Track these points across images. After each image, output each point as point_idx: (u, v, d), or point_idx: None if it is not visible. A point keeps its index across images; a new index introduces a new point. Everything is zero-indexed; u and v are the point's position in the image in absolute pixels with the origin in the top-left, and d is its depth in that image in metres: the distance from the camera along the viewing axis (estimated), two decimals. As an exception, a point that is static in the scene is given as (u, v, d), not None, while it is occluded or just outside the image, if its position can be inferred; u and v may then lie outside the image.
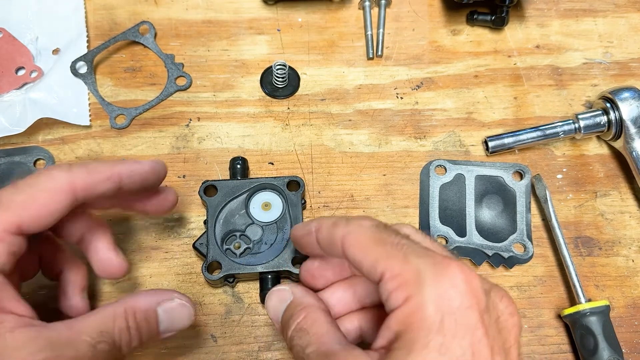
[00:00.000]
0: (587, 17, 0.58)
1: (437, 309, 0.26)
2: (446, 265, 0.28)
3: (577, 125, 0.50)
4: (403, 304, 0.27)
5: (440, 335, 0.26)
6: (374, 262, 0.29)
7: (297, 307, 0.34)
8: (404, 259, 0.28)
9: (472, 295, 0.27)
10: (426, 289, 0.27)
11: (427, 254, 0.28)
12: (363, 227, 0.31)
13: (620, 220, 0.50)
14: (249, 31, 0.56)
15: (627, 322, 0.46)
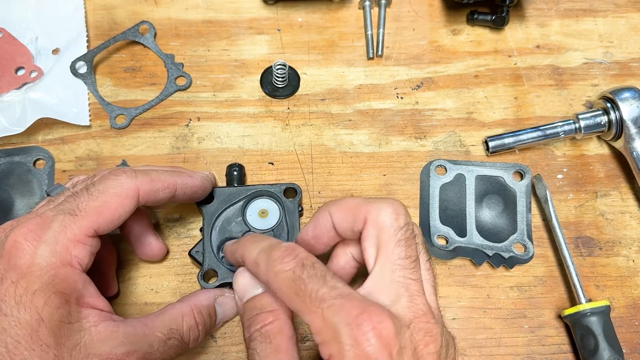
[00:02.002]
0: (587, 17, 0.58)
1: (383, 348, 0.29)
2: (360, 322, 0.29)
3: (577, 125, 0.50)
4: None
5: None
6: (299, 311, 0.31)
7: (267, 306, 0.35)
8: (321, 318, 0.30)
9: (384, 349, 0.29)
10: (346, 348, 0.29)
11: (343, 309, 0.30)
12: (281, 277, 0.32)
13: (621, 221, 0.49)
14: (249, 31, 0.56)
15: (627, 322, 0.46)
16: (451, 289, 0.47)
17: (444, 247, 0.47)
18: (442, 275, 0.47)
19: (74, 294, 0.33)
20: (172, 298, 0.46)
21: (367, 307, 0.30)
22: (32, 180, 0.49)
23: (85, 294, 0.34)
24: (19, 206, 0.48)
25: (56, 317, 0.32)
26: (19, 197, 0.49)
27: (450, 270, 0.48)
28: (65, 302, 0.32)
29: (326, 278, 0.31)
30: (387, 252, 0.33)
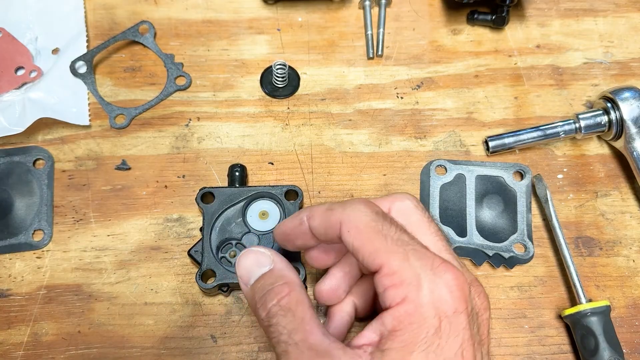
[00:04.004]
0: (588, 17, 0.58)
1: (435, 313, 0.28)
2: (443, 270, 0.29)
3: (577, 125, 0.50)
4: (400, 303, 0.29)
5: (437, 337, 0.28)
6: (372, 253, 0.30)
7: (279, 279, 0.33)
8: (404, 258, 0.29)
9: (463, 301, 0.29)
10: (425, 292, 0.28)
11: (425, 256, 0.30)
12: (361, 214, 0.31)
13: (621, 221, 0.49)
14: (249, 31, 0.56)
15: (627, 322, 0.46)
16: (451, 289, 0.47)
17: (444, 247, 0.47)
18: (442, 275, 0.47)
19: None
20: (171, 298, 0.46)
21: (446, 261, 0.30)
22: (32, 180, 0.49)
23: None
24: (18, 206, 0.48)
25: None
26: (19, 197, 0.49)
27: (451, 270, 0.47)
28: None
29: (405, 229, 0.31)
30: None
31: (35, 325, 0.45)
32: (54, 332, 0.45)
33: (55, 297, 0.46)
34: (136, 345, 0.45)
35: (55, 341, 0.45)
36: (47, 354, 0.44)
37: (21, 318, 0.45)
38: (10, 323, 0.45)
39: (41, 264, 0.47)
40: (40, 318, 0.45)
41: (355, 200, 0.32)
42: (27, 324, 0.45)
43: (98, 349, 0.44)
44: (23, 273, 0.47)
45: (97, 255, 0.47)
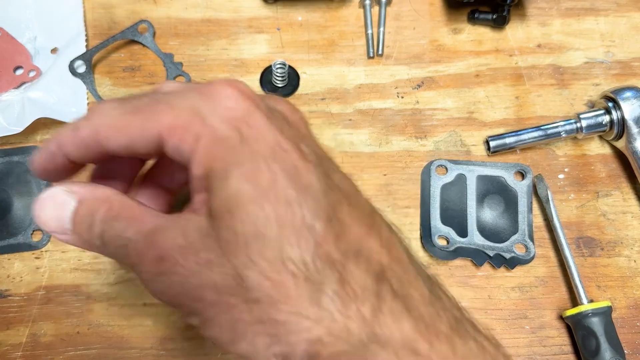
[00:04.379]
0: (589, 16, 0.58)
1: (229, 125, 0.25)
2: (210, 87, 0.26)
3: (578, 125, 0.50)
4: (195, 145, 0.25)
5: (245, 144, 0.25)
6: (142, 132, 0.26)
7: (93, 204, 0.28)
8: (169, 109, 0.26)
9: (247, 98, 0.26)
10: (207, 115, 0.25)
11: (186, 90, 0.26)
12: (108, 112, 0.27)
13: (622, 221, 0.49)
14: (248, 30, 0.56)
15: (629, 323, 0.46)
16: (452, 289, 0.47)
17: (444, 248, 0.47)
18: (443, 276, 0.47)
19: None
20: (171, 299, 0.46)
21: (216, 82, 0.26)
22: (31, 180, 0.49)
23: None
24: (17, 206, 0.48)
25: None
26: (18, 197, 0.49)
27: (451, 271, 0.47)
28: None
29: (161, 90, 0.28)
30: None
31: (34, 326, 0.45)
32: (53, 333, 0.45)
33: (54, 298, 0.46)
34: (135, 346, 0.44)
35: (54, 342, 0.44)
36: (46, 355, 0.44)
37: (20, 319, 0.45)
38: (9, 324, 0.45)
39: (40, 265, 0.47)
40: (39, 319, 0.45)
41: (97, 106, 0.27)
42: (25, 324, 0.45)
43: (97, 350, 0.44)
44: (22, 273, 0.47)
45: (95, 255, 0.47)
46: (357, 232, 0.25)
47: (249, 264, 0.23)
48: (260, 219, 0.23)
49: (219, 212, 0.24)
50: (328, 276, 0.23)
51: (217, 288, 0.24)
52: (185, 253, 0.25)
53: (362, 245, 0.24)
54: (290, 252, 0.23)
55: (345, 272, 0.23)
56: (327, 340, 0.23)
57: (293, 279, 0.23)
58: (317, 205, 0.24)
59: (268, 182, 0.24)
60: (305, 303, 0.23)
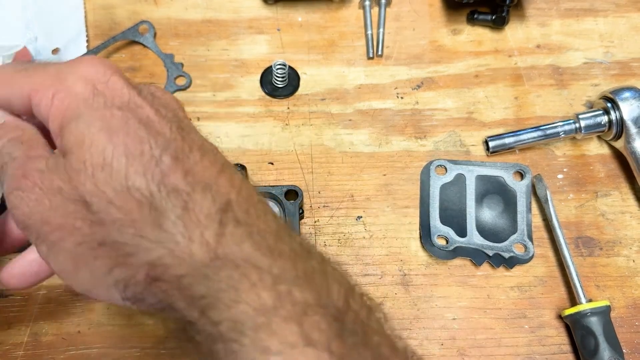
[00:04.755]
0: (588, 17, 0.58)
1: (85, 81, 0.27)
2: (78, 60, 0.28)
3: (577, 125, 0.50)
4: (51, 103, 0.27)
5: (99, 96, 0.26)
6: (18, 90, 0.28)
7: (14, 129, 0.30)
8: (41, 73, 0.28)
9: (111, 69, 0.28)
10: (66, 77, 0.27)
11: (64, 62, 0.29)
12: (2, 68, 0.30)
13: (621, 221, 0.49)
14: (248, 31, 0.56)
15: (627, 322, 0.46)
16: (451, 289, 0.47)
17: (444, 247, 0.47)
18: (442, 276, 0.47)
19: None
20: (171, 298, 0.46)
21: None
22: (32, 180, 0.49)
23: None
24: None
25: None
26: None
27: (451, 271, 0.47)
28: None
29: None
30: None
31: (35, 325, 0.45)
32: (54, 332, 0.45)
33: (55, 297, 0.46)
34: (136, 345, 0.44)
35: (55, 341, 0.45)
36: (47, 354, 0.44)
37: (21, 318, 0.45)
38: (10, 323, 0.45)
39: (41, 264, 0.47)
40: (40, 318, 0.45)
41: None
42: (26, 324, 0.45)
43: (98, 349, 0.44)
44: (23, 273, 0.47)
45: (97, 255, 0.47)
46: (208, 172, 0.26)
47: (95, 192, 0.25)
48: (107, 151, 0.25)
49: (69, 147, 0.26)
50: (173, 203, 0.24)
51: (64, 212, 0.26)
52: (43, 177, 0.26)
53: (211, 181, 0.26)
54: (136, 181, 0.25)
55: (191, 201, 0.25)
56: (169, 262, 0.24)
57: (138, 206, 0.24)
58: (167, 145, 0.26)
59: (119, 123, 0.26)
60: (148, 227, 0.24)
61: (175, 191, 0.25)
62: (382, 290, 0.47)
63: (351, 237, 0.48)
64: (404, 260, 0.48)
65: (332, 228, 0.49)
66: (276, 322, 0.23)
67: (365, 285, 0.47)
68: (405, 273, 0.47)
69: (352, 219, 0.49)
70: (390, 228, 0.49)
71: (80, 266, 0.26)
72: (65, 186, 0.26)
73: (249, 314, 0.23)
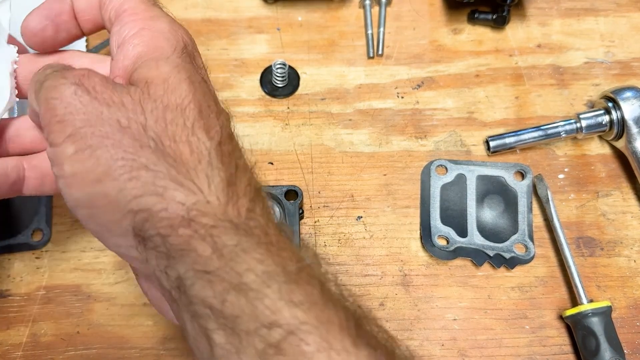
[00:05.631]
0: (589, 17, 0.58)
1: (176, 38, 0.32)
2: (163, 18, 0.32)
3: (578, 125, 0.50)
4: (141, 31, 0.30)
5: (176, 57, 0.30)
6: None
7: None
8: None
9: (190, 39, 0.33)
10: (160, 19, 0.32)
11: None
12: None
13: (622, 221, 0.49)
14: (248, 30, 0.56)
15: (629, 322, 0.46)
16: (452, 289, 0.47)
17: (444, 248, 0.47)
18: (442, 276, 0.47)
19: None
20: (171, 298, 0.46)
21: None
22: (31, 180, 0.49)
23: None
24: (17, 206, 0.48)
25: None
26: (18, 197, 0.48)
27: (451, 271, 0.47)
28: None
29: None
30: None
31: (34, 326, 0.45)
32: (53, 333, 0.45)
33: (54, 298, 0.46)
34: (135, 345, 0.44)
35: (55, 342, 0.44)
36: (46, 355, 0.44)
37: (20, 318, 0.45)
38: (9, 323, 0.45)
39: (40, 264, 0.47)
40: (39, 318, 0.45)
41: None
42: (26, 324, 0.45)
43: (97, 350, 0.44)
44: (22, 273, 0.47)
45: (96, 255, 0.47)
46: (233, 155, 0.28)
47: (160, 122, 0.26)
48: (185, 98, 0.27)
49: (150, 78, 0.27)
50: (219, 170, 0.26)
51: (117, 126, 0.26)
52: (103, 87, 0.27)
53: (251, 165, 0.29)
54: (200, 134, 0.26)
55: (233, 177, 0.26)
56: (204, 210, 0.25)
57: (197, 153, 0.26)
58: (221, 115, 0.29)
59: (191, 80, 0.28)
60: (199, 175, 0.25)
61: (223, 163, 0.26)
62: (383, 291, 0.46)
63: (351, 237, 0.48)
64: (404, 260, 0.48)
65: (332, 228, 0.48)
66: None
67: (365, 285, 0.47)
68: (405, 273, 0.47)
69: (352, 219, 0.49)
70: (391, 228, 0.49)
71: (108, 176, 0.25)
72: (131, 105, 0.26)
73: (275, 271, 0.24)
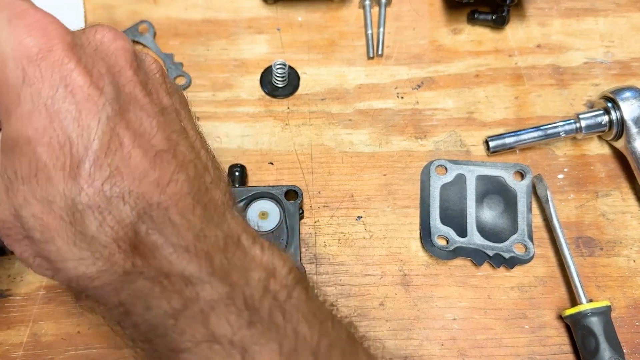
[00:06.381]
0: (588, 17, 0.58)
1: (16, 63, 0.24)
2: (24, 15, 0.25)
3: (578, 125, 0.50)
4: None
5: (27, 86, 0.24)
6: None
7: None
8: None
9: (52, 36, 0.25)
10: (4, 49, 0.24)
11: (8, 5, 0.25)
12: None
13: (622, 221, 0.49)
14: (248, 30, 0.56)
15: (628, 322, 0.46)
16: (452, 289, 0.47)
17: (444, 248, 0.47)
18: (442, 276, 0.47)
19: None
20: (171, 298, 0.46)
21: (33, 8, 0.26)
22: (31, 180, 0.49)
23: None
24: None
25: None
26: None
27: (451, 271, 0.47)
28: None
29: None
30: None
31: (34, 326, 0.45)
32: (54, 333, 0.45)
33: (55, 297, 0.46)
34: (136, 345, 0.44)
35: (55, 341, 0.44)
36: (47, 355, 0.44)
37: (20, 318, 0.45)
38: (10, 323, 0.45)
39: (40, 264, 0.47)
40: (39, 318, 0.45)
41: None
42: (26, 324, 0.45)
43: (97, 350, 0.44)
44: (22, 273, 0.47)
45: (96, 255, 0.47)
46: (130, 175, 0.25)
47: (24, 204, 0.25)
48: (33, 161, 0.24)
49: (4, 151, 0.25)
50: (90, 219, 0.24)
51: (6, 224, 0.26)
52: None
53: (132, 187, 0.25)
54: (55, 196, 0.24)
55: (107, 215, 0.24)
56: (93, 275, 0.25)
57: (57, 221, 0.25)
58: (90, 147, 0.24)
59: (45, 124, 0.24)
60: (69, 244, 0.25)
61: (92, 207, 0.24)
62: (382, 291, 0.47)
63: (351, 237, 0.48)
64: (404, 260, 0.48)
65: (332, 228, 0.48)
66: (183, 322, 0.24)
67: (365, 285, 0.47)
68: (405, 273, 0.47)
69: (352, 219, 0.49)
70: (391, 228, 0.49)
71: (31, 267, 0.28)
72: (3, 197, 0.26)
73: (159, 317, 0.24)
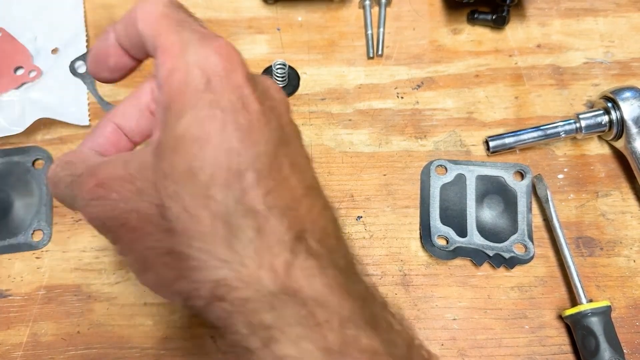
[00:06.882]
0: (588, 17, 0.58)
1: (202, 72, 0.26)
2: (213, 38, 0.28)
3: (578, 125, 0.50)
4: (169, 75, 0.26)
5: (209, 92, 0.25)
6: (154, 36, 0.28)
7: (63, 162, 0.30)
8: (177, 32, 0.28)
9: (235, 62, 0.27)
10: (189, 55, 0.26)
11: (199, 30, 0.29)
12: (155, 3, 0.30)
13: (622, 221, 0.49)
14: (248, 30, 0.56)
15: (628, 322, 0.46)
16: (452, 289, 0.47)
17: (444, 247, 0.47)
18: (442, 276, 0.47)
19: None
20: (171, 298, 0.46)
21: (218, 35, 0.28)
22: (31, 181, 0.49)
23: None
24: (17, 206, 0.48)
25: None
26: (18, 197, 0.49)
27: (451, 271, 0.47)
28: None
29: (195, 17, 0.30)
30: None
31: (34, 326, 0.45)
32: (54, 333, 0.45)
33: (55, 298, 0.46)
34: (136, 345, 0.44)
35: (55, 341, 0.44)
36: (47, 355, 0.44)
37: (20, 318, 0.45)
38: (10, 323, 0.45)
39: (40, 264, 0.47)
40: (39, 318, 0.45)
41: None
42: (26, 324, 0.45)
43: (97, 350, 0.44)
44: (22, 273, 0.47)
45: (96, 255, 0.47)
46: (290, 194, 0.25)
47: (174, 196, 0.24)
48: (197, 159, 0.24)
49: (164, 148, 0.25)
50: (247, 224, 0.24)
51: (141, 214, 0.26)
52: (122, 182, 0.26)
53: (292, 204, 0.25)
54: (215, 193, 0.24)
55: (267, 224, 0.24)
56: (234, 284, 0.23)
57: (211, 218, 0.24)
58: (256, 160, 0.25)
59: (216, 129, 0.25)
60: (217, 243, 0.24)
61: (252, 211, 0.24)
62: (382, 291, 0.46)
63: (351, 237, 0.48)
64: (404, 260, 0.48)
65: (332, 228, 0.48)
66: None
67: (365, 285, 0.47)
68: (405, 273, 0.47)
69: (352, 219, 0.49)
70: (390, 228, 0.49)
71: (147, 268, 0.26)
72: (148, 189, 0.25)
73: (314, 354, 0.22)
